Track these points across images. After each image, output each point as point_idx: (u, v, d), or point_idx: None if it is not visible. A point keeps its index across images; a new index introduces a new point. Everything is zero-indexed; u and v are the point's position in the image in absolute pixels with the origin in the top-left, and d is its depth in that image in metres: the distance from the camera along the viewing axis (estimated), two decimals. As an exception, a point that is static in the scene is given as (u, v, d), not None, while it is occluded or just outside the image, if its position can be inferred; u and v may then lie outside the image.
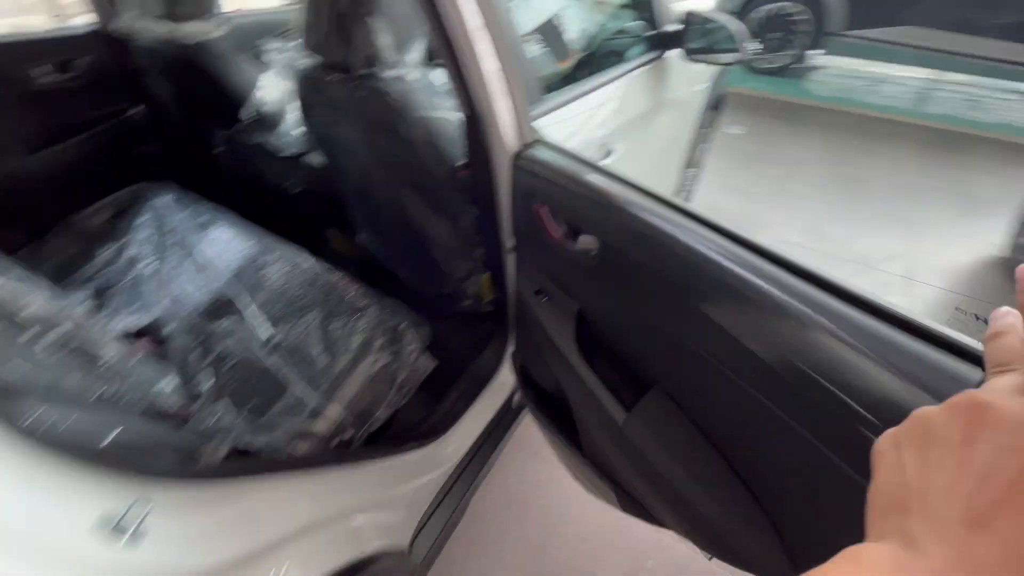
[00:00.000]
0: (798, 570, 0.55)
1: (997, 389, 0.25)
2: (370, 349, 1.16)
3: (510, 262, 1.24)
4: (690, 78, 2.03)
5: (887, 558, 0.23)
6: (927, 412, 0.26)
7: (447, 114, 1.16)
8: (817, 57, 4.91)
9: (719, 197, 3.22)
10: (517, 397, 1.46)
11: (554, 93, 1.29)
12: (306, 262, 1.36)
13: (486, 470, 1.42)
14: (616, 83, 1.51)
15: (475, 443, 1.34)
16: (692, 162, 2.42)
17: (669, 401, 0.74)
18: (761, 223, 3.08)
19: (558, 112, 1.25)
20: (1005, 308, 0.30)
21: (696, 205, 0.68)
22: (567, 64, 1.72)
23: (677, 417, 0.72)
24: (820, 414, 0.50)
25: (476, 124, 0.93)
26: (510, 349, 1.42)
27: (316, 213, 1.85)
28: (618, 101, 1.54)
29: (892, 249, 2.84)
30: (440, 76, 1.31)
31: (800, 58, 4.76)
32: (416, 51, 1.15)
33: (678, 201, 0.70)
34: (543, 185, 0.85)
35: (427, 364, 1.29)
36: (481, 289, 1.54)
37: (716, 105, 2.43)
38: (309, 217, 1.89)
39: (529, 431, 1.72)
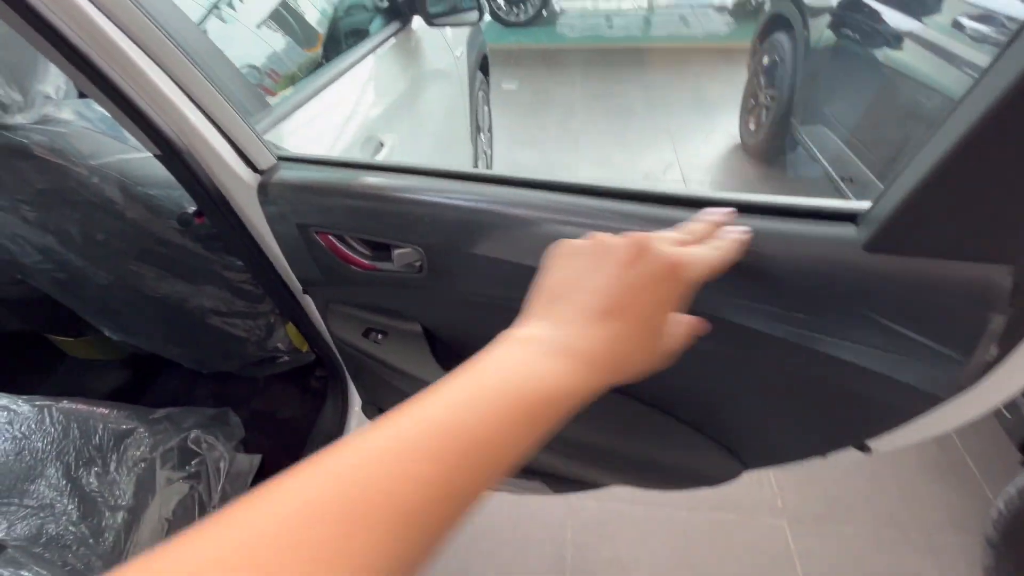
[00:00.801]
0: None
1: (663, 239, 0.34)
2: (152, 487, 0.85)
3: (312, 304, 1.02)
4: (445, 44, 1.92)
5: (536, 331, 0.30)
6: (608, 237, 0.34)
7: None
8: (559, 2, 5.26)
9: (517, 153, 3.29)
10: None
11: (287, 95, 1.05)
12: (18, 406, 0.95)
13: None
14: (363, 65, 1.32)
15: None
16: (479, 127, 2.37)
17: None
18: (561, 166, 3.24)
19: (303, 114, 1.02)
20: (714, 211, 0.41)
21: (499, 167, 0.57)
22: (317, 51, 1.47)
23: None
24: None
25: (179, 162, 0.68)
26: (356, 404, 1.21)
27: (29, 321, 1.34)
28: (373, 85, 1.35)
29: (666, 159, 3.24)
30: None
31: (544, 5, 5.03)
32: (51, 80, 0.81)
33: (480, 172, 0.58)
34: (312, 209, 0.65)
35: (248, 462, 1.02)
36: (293, 340, 1.28)
37: (482, 66, 2.39)
38: (24, 331, 1.37)
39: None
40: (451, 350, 0.77)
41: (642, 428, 0.62)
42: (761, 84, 2.97)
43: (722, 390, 0.54)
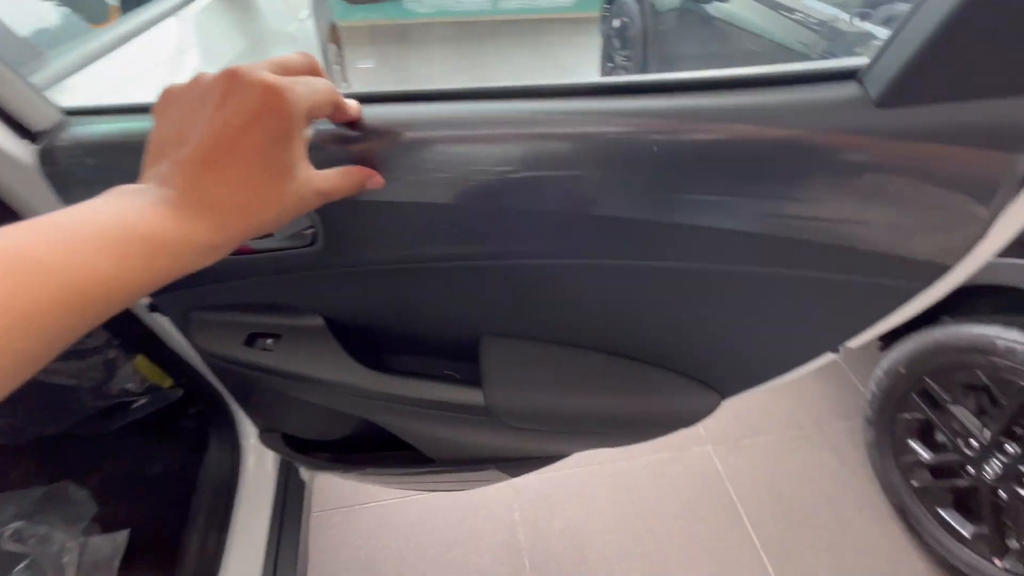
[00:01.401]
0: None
1: (257, 66, 0.31)
2: None
3: (166, 321, 0.79)
4: (286, 7, 1.66)
5: (141, 191, 0.28)
6: (203, 77, 0.31)
7: None
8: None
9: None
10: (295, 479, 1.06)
11: (76, 47, 0.78)
12: None
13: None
14: (186, 16, 1.05)
15: (267, 568, 0.92)
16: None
17: (513, 342, 0.55)
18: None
19: (103, 65, 0.77)
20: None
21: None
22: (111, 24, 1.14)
23: (536, 351, 0.54)
24: None
25: None
26: (250, 436, 1.00)
27: None
28: (198, 39, 1.09)
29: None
30: None
31: (387, -20, 4.74)
32: None
33: (383, 91, 0.44)
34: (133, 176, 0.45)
35: (110, 544, 0.77)
36: (147, 376, 1.01)
37: (333, 37, 2.13)
38: None
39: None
40: (368, 340, 0.63)
41: (604, 380, 0.55)
42: (615, 47, 3.10)
43: (688, 315, 0.49)
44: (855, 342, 0.48)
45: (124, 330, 0.84)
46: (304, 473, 1.03)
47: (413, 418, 0.62)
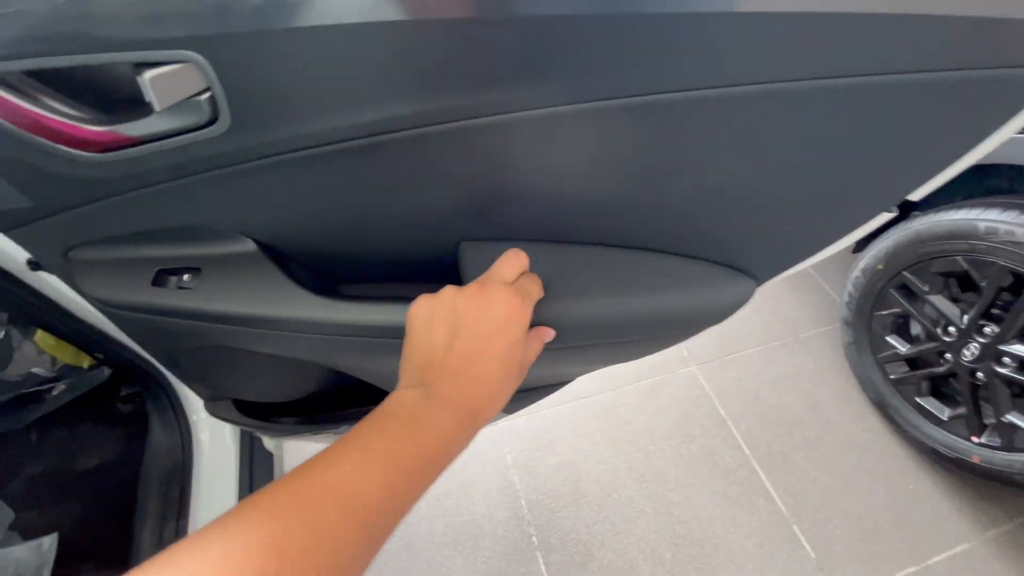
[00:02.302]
0: None
1: (503, 282, 0.39)
2: None
3: (54, 283, 0.63)
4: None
5: (413, 398, 0.34)
6: (455, 293, 0.38)
7: None
8: None
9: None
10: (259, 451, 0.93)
11: None
12: None
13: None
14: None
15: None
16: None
17: (505, 246, 0.45)
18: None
19: None
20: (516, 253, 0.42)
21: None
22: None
23: (537, 252, 0.44)
24: None
25: None
26: (198, 411, 0.86)
27: None
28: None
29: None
30: None
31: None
32: None
33: None
34: None
35: (34, 551, 0.64)
36: (56, 355, 0.84)
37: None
38: None
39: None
40: (309, 267, 0.50)
41: (624, 278, 0.45)
42: None
43: (716, 175, 0.39)
44: (918, 193, 0.39)
45: (10, 302, 0.67)
46: (269, 443, 0.91)
47: (385, 353, 0.50)
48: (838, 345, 1.56)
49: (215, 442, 0.92)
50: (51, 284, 0.65)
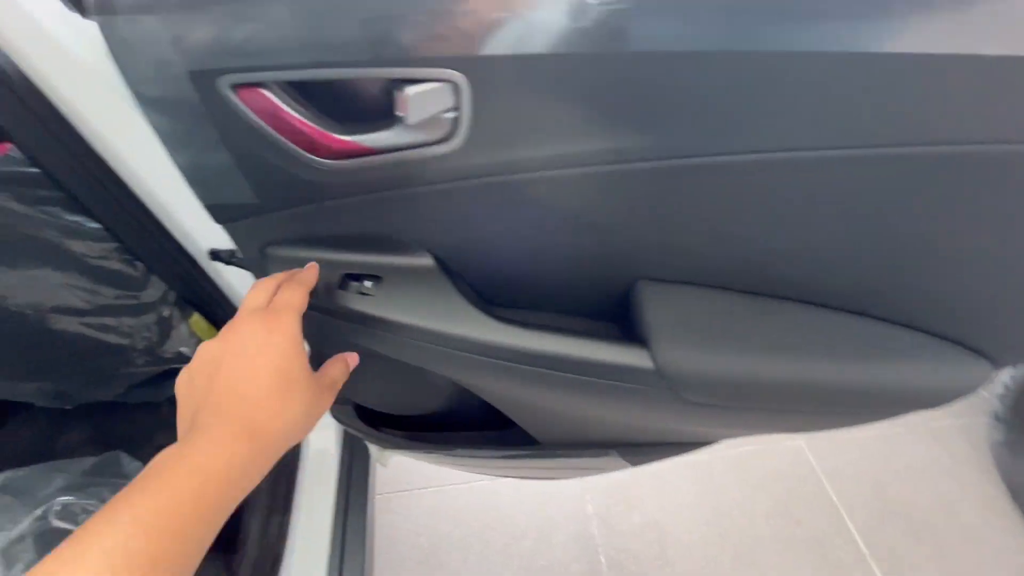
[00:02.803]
0: None
1: (246, 306, 0.39)
2: None
3: (226, 274, 0.68)
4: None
5: (177, 448, 0.30)
6: (207, 345, 0.36)
7: None
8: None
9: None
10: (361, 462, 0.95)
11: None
12: None
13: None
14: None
15: (333, 560, 0.82)
16: None
17: (688, 290, 0.43)
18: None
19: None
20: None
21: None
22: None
23: (726, 302, 0.41)
24: None
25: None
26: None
27: None
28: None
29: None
30: None
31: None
32: None
33: None
34: (220, 33, 0.32)
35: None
36: (205, 338, 0.91)
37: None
38: None
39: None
40: (485, 281, 0.50)
41: (826, 340, 0.41)
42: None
43: (956, 251, 0.34)
44: None
45: (179, 278, 0.73)
46: (378, 453, 0.91)
47: (543, 385, 0.49)
48: (979, 441, 1.35)
49: (321, 444, 0.94)
50: (222, 275, 0.71)
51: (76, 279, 0.68)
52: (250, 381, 0.33)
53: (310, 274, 0.42)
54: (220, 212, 0.46)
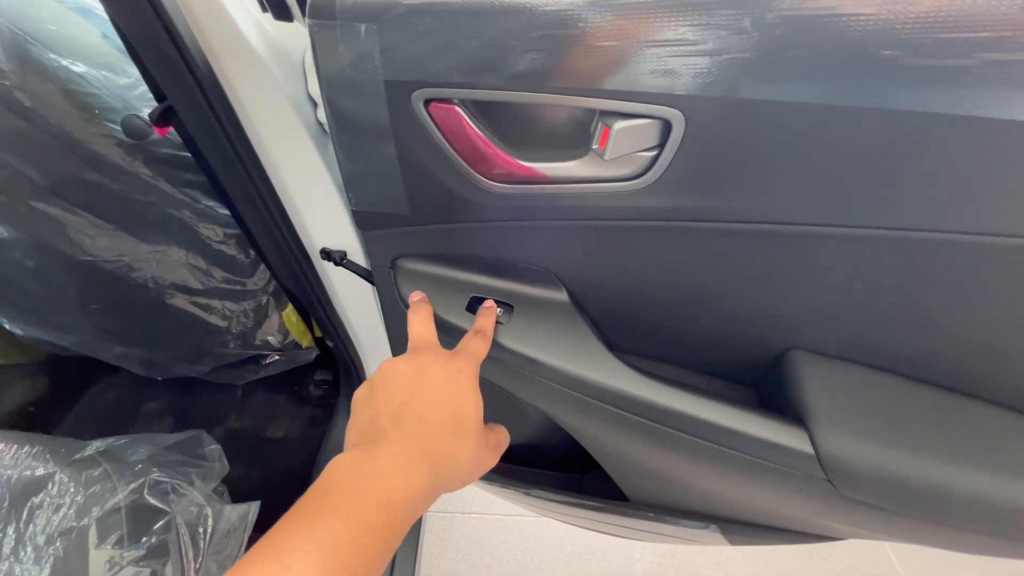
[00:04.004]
0: None
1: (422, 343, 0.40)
2: None
3: (330, 273, 0.69)
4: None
5: (358, 454, 0.30)
6: (393, 363, 0.37)
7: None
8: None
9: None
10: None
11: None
12: None
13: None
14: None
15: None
16: None
17: (856, 369, 0.39)
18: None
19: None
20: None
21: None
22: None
23: (901, 389, 0.37)
24: None
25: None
26: None
27: None
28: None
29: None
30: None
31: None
32: None
33: None
34: (428, 48, 0.31)
35: (241, 515, 0.67)
36: (291, 331, 0.93)
37: None
38: None
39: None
40: (624, 327, 0.47)
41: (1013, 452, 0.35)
42: None
43: None
44: None
45: (289, 277, 0.75)
46: None
47: (665, 446, 0.44)
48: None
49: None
50: (328, 274, 0.71)
51: (197, 260, 0.70)
52: (432, 411, 0.33)
53: (491, 326, 0.43)
54: (366, 219, 0.46)
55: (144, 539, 0.52)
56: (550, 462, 0.73)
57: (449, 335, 0.47)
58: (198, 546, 0.57)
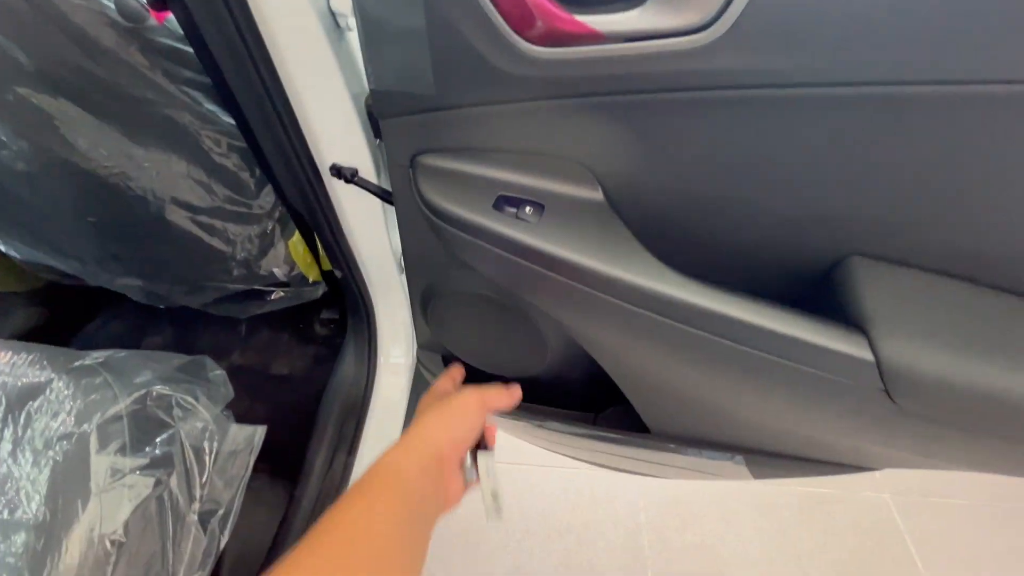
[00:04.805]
0: None
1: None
2: (83, 483, 0.46)
3: (340, 195, 0.65)
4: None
5: (401, 456, 0.41)
6: (453, 391, 0.49)
7: None
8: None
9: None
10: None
11: None
12: None
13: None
14: None
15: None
16: None
17: (919, 274, 0.36)
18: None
19: None
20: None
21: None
22: None
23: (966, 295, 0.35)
24: None
25: None
26: (385, 355, 0.87)
27: None
28: None
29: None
30: None
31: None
32: None
33: None
34: None
35: (247, 437, 0.65)
36: (298, 262, 0.89)
37: None
38: None
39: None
40: (659, 236, 0.43)
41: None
42: None
43: None
44: None
45: (297, 196, 0.71)
46: None
47: (706, 361, 0.41)
48: (1105, 539, 1.17)
49: (392, 389, 0.91)
50: (339, 196, 0.67)
51: (198, 173, 0.66)
52: (455, 443, 0.44)
53: (517, 397, 0.50)
54: (386, 102, 0.42)
55: (148, 449, 0.50)
56: (564, 400, 0.71)
57: (475, 236, 0.44)
58: (203, 462, 0.55)
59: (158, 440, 0.51)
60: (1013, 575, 1.14)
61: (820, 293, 0.40)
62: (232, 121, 0.63)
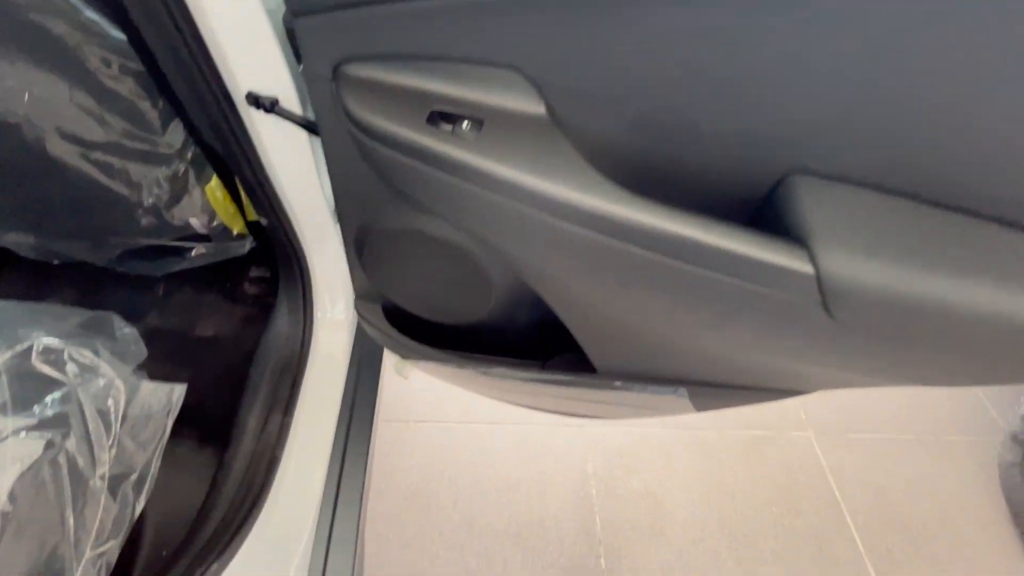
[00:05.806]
0: None
1: None
2: None
3: (261, 125, 0.59)
4: None
5: None
6: None
7: None
8: None
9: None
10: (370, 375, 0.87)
11: None
12: None
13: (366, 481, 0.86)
14: None
15: (332, 471, 0.75)
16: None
17: (854, 190, 0.36)
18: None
19: None
20: None
21: None
22: None
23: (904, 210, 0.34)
24: None
25: None
26: (320, 310, 0.81)
27: None
28: None
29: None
30: None
31: None
32: None
33: None
34: None
35: (164, 395, 0.59)
36: (218, 211, 0.81)
37: None
38: None
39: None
40: (598, 150, 0.41)
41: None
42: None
43: None
44: None
45: (210, 131, 0.63)
46: (400, 363, 0.83)
47: (653, 281, 0.40)
48: (987, 460, 1.33)
49: (330, 347, 0.86)
50: (258, 131, 0.60)
51: (83, 98, 0.57)
52: None
53: None
54: (301, -3, 0.36)
55: (36, 409, 0.44)
56: (511, 349, 0.70)
57: (407, 155, 0.40)
58: (108, 423, 0.49)
59: (48, 399, 0.45)
60: (916, 497, 1.27)
61: (764, 215, 0.40)
62: (123, 36, 0.54)
